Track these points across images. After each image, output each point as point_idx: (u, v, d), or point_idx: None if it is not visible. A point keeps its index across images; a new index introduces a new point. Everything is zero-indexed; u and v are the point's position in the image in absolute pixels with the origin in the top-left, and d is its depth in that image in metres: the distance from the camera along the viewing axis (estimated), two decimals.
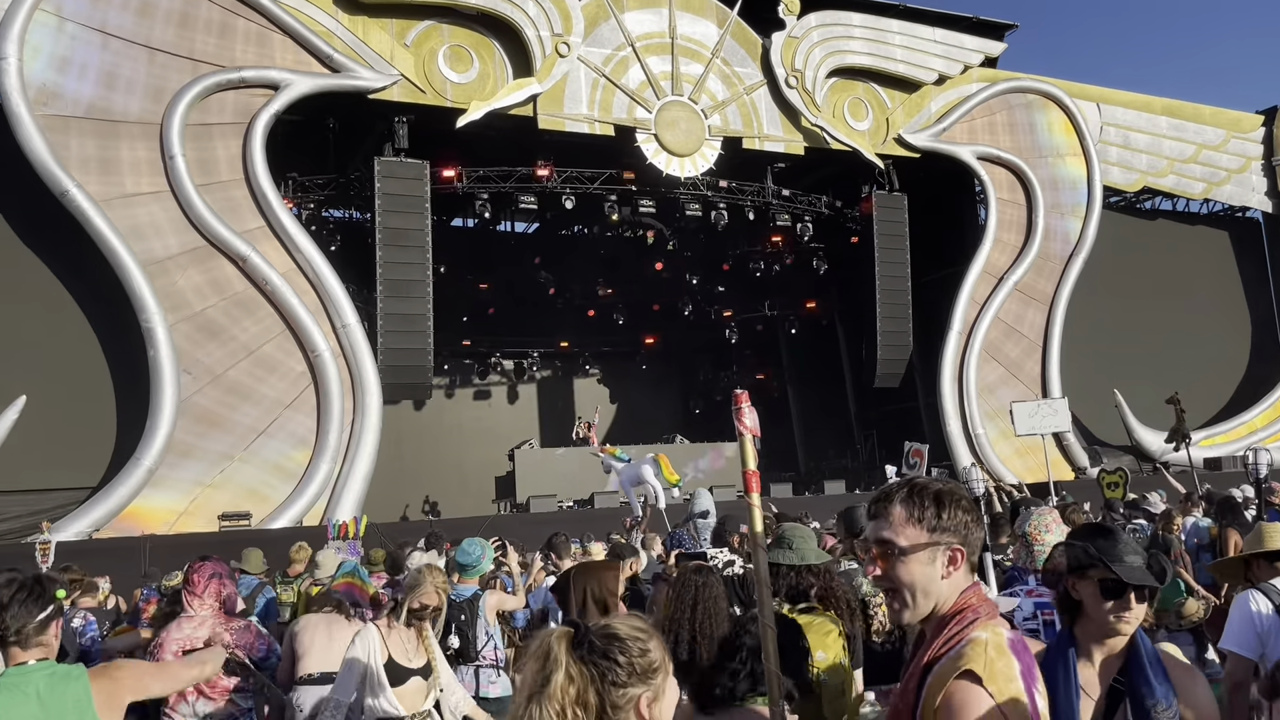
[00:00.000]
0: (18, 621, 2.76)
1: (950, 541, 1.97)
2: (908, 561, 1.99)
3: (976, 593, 1.95)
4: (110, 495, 13.89)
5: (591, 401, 25.77)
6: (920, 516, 2.00)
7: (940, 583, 1.97)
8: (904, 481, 2.04)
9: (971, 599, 1.94)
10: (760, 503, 2.26)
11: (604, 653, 1.61)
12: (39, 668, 2.77)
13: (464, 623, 5.30)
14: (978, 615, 1.91)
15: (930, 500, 2.01)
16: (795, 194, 20.98)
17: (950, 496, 2.00)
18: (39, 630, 2.78)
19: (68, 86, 14.64)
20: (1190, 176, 24.64)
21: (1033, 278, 22.02)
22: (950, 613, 1.94)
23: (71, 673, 2.82)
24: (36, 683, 2.72)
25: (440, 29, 17.21)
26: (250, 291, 15.42)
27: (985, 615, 1.92)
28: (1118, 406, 21.83)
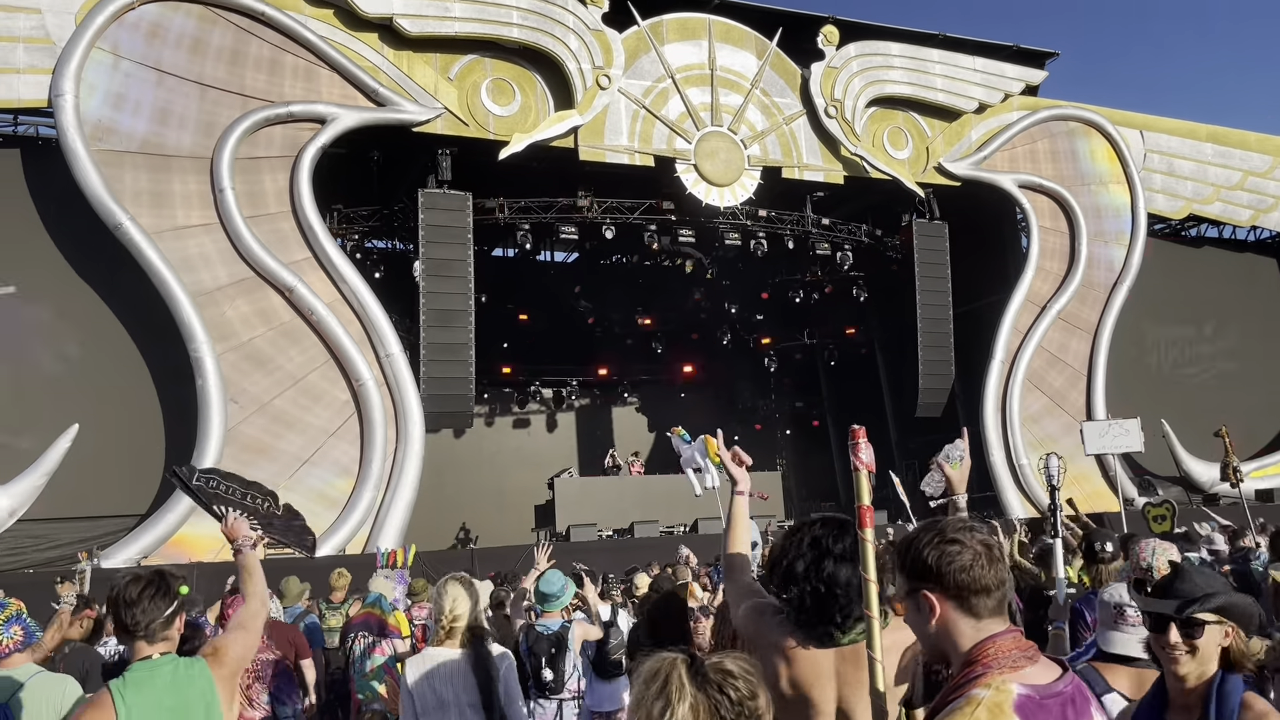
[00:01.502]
0: (146, 617, 2.89)
1: (918, 585, 1.90)
2: (903, 608, 1.97)
3: (998, 642, 1.83)
4: (158, 523, 14.09)
5: (630, 430, 25.81)
6: (900, 562, 1.97)
7: (930, 629, 1.89)
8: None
9: (989, 649, 1.82)
10: (871, 538, 2.26)
11: (719, 686, 1.62)
12: (165, 661, 2.91)
13: (555, 656, 5.34)
14: (987, 669, 1.80)
15: (903, 544, 1.97)
16: (835, 223, 20.97)
17: (921, 537, 1.92)
18: (164, 625, 2.92)
19: (122, 122, 15.02)
20: (1236, 203, 24.32)
21: (1076, 306, 21.78)
22: (964, 662, 1.86)
23: (195, 665, 2.97)
24: (164, 675, 2.86)
25: (483, 63, 17.47)
26: (296, 321, 15.65)
27: (999, 668, 1.80)
28: (1165, 437, 21.45)
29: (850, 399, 25.76)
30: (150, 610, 2.90)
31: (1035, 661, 1.83)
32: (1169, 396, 22.94)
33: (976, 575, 1.85)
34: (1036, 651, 1.86)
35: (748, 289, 24.15)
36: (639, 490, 20.35)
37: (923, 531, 1.93)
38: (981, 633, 1.84)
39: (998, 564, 1.88)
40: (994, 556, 1.87)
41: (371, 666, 6.32)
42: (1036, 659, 1.83)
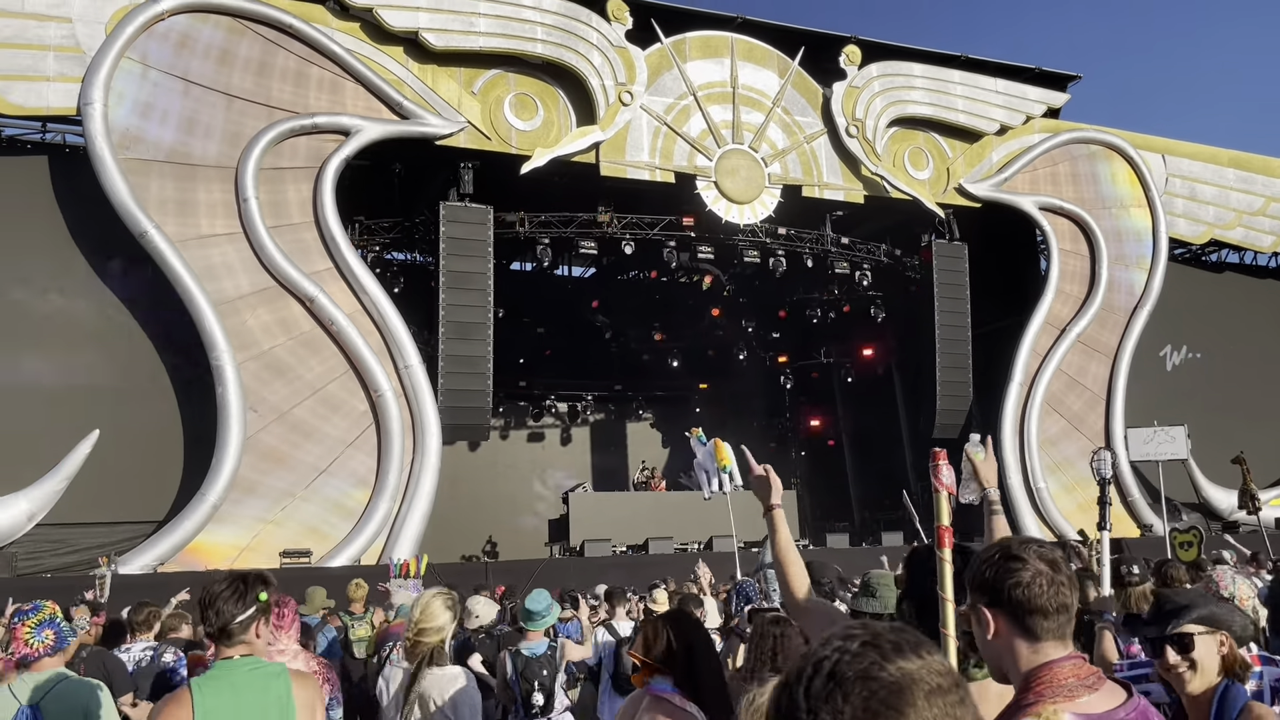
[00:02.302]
0: (222, 619, 2.95)
1: (977, 600, 1.88)
2: (971, 620, 1.95)
3: (1055, 669, 1.78)
4: (176, 530, 14.15)
5: (644, 445, 25.77)
6: (968, 575, 1.95)
7: (990, 645, 1.87)
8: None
9: (1044, 675, 1.78)
10: (949, 558, 2.25)
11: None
12: (242, 662, 2.97)
13: (546, 678, 5.30)
14: (1039, 698, 1.76)
15: (972, 558, 1.95)
16: (854, 242, 20.95)
17: (986, 551, 1.90)
18: (242, 629, 2.97)
19: (149, 131, 15.17)
20: (1259, 229, 24.20)
21: (1096, 330, 21.68)
22: (1019, 688, 1.83)
23: (274, 669, 3.05)
24: (240, 676, 2.93)
25: (507, 78, 17.58)
26: (317, 331, 15.72)
27: (1052, 697, 1.75)
28: (1185, 463, 21.28)
29: (866, 419, 25.66)
30: (225, 612, 2.95)
31: (1096, 690, 1.78)
32: (1189, 422, 22.77)
33: (1034, 595, 1.81)
34: (1100, 679, 1.81)
35: (765, 307, 24.14)
36: (654, 506, 20.32)
37: (990, 547, 1.92)
38: (1039, 656, 1.81)
39: (1060, 586, 1.82)
40: (1057, 578, 1.82)
41: None
42: (1098, 687, 1.79)
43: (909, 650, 1.17)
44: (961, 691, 1.17)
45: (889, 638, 1.18)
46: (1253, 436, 22.41)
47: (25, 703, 3.47)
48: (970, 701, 1.18)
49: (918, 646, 1.18)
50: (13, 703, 3.49)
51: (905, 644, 1.17)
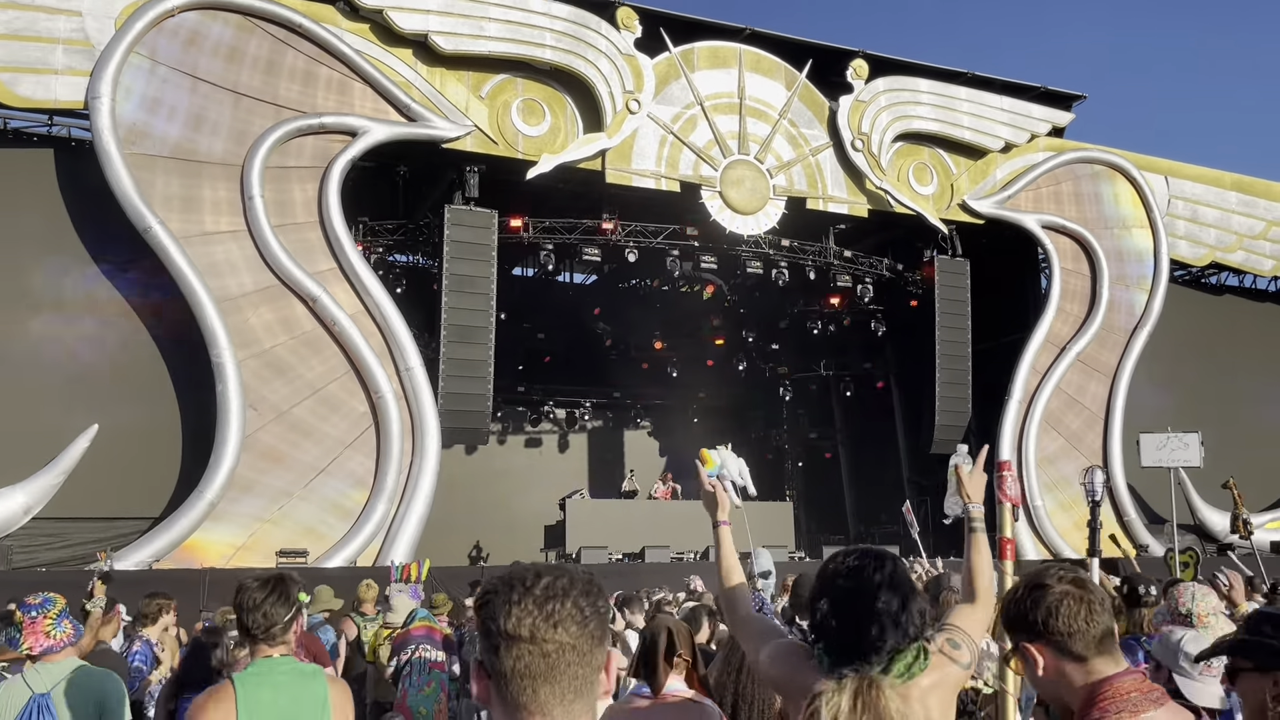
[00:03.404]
0: (268, 620, 3.03)
1: (1017, 639, 1.91)
2: (1018, 666, 1.96)
3: (1114, 684, 1.77)
4: (172, 527, 14.09)
5: (642, 453, 25.78)
6: (1003, 619, 1.98)
7: (1044, 681, 1.87)
8: None
9: (1106, 691, 1.77)
10: (1010, 570, 2.25)
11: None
12: (282, 662, 3.05)
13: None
14: (1104, 713, 1.75)
15: (1003, 600, 1.97)
16: (857, 255, 20.98)
17: (1014, 590, 1.92)
18: (284, 629, 3.05)
19: (156, 127, 15.15)
20: (1260, 253, 24.25)
21: (1095, 349, 21.71)
22: (1081, 708, 1.82)
23: (310, 670, 3.15)
24: (282, 675, 3.01)
25: (515, 82, 17.60)
26: (318, 331, 15.70)
27: (1117, 711, 1.75)
28: (1181, 484, 21.30)
29: (864, 433, 25.68)
30: (272, 614, 3.03)
31: (1161, 705, 1.77)
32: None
33: (1066, 617, 1.81)
34: (1164, 695, 1.80)
35: (766, 318, 24.15)
36: (651, 514, 20.30)
37: (1017, 583, 1.92)
38: (1093, 674, 1.80)
39: (1091, 604, 1.83)
40: (1086, 596, 1.83)
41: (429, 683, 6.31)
42: (1164, 702, 1.78)
43: None
44: None
45: None
46: (1250, 459, 22.48)
47: (38, 691, 3.49)
48: None
49: None
50: (25, 691, 3.53)
51: None
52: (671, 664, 3.39)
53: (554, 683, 1.38)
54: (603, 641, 1.45)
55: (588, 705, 1.42)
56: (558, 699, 1.39)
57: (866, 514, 24.88)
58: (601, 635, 1.45)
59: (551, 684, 1.38)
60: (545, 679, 1.38)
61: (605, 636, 1.47)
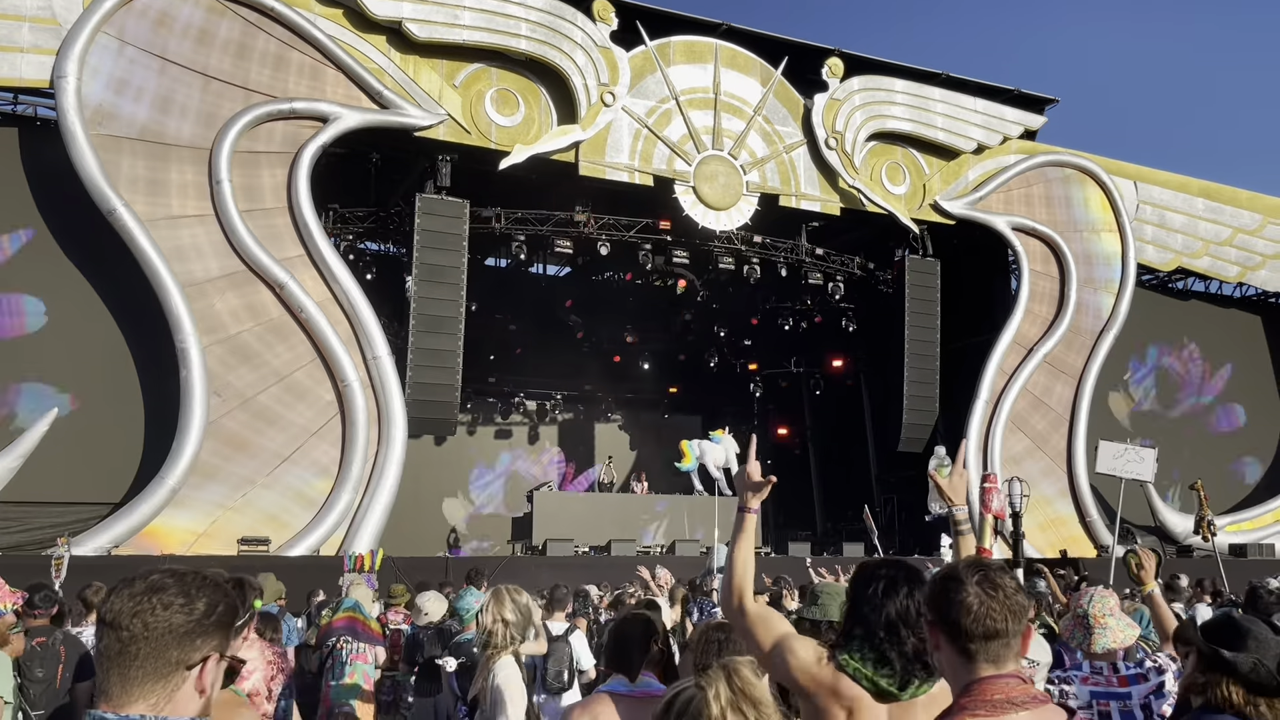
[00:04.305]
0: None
1: (927, 614, 1.96)
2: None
3: (985, 685, 1.82)
4: (132, 513, 13.95)
5: (612, 447, 25.77)
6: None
7: (937, 658, 1.96)
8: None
9: (972, 690, 1.83)
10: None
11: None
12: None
13: (467, 665, 5.32)
14: (963, 710, 1.81)
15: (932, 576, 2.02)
16: (828, 253, 21.07)
17: (940, 572, 1.97)
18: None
19: (123, 108, 14.96)
20: (1225, 259, 24.57)
21: (1062, 351, 21.91)
22: (955, 699, 1.88)
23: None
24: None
25: (489, 72, 17.51)
26: (285, 318, 15.57)
27: (974, 710, 1.80)
28: (1143, 487, 21.56)
29: (833, 429, 25.80)
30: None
31: (1028, 708, 1.80)
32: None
33: (964, 618, 1.85)
34: (1037, 701, 1.83)
35: (738, 313, 24.20)
36: (619, 507, 20.33)
37: (944, 567, 1.96)
38: (973, 673, 1.85)
39: (992, 611, 1.85)
40: (989, 604, 1.85)
41: (352, 674, 6.25)
42: (1030, 707, 1.81)
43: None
44: None
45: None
46: (1211, 462, 22.81)
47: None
48: None
49: None
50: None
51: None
52: (648, 657, 3.31)
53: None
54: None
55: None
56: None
57: (835, 511, 25.01)
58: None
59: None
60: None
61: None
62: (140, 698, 1.55)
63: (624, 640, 3.38)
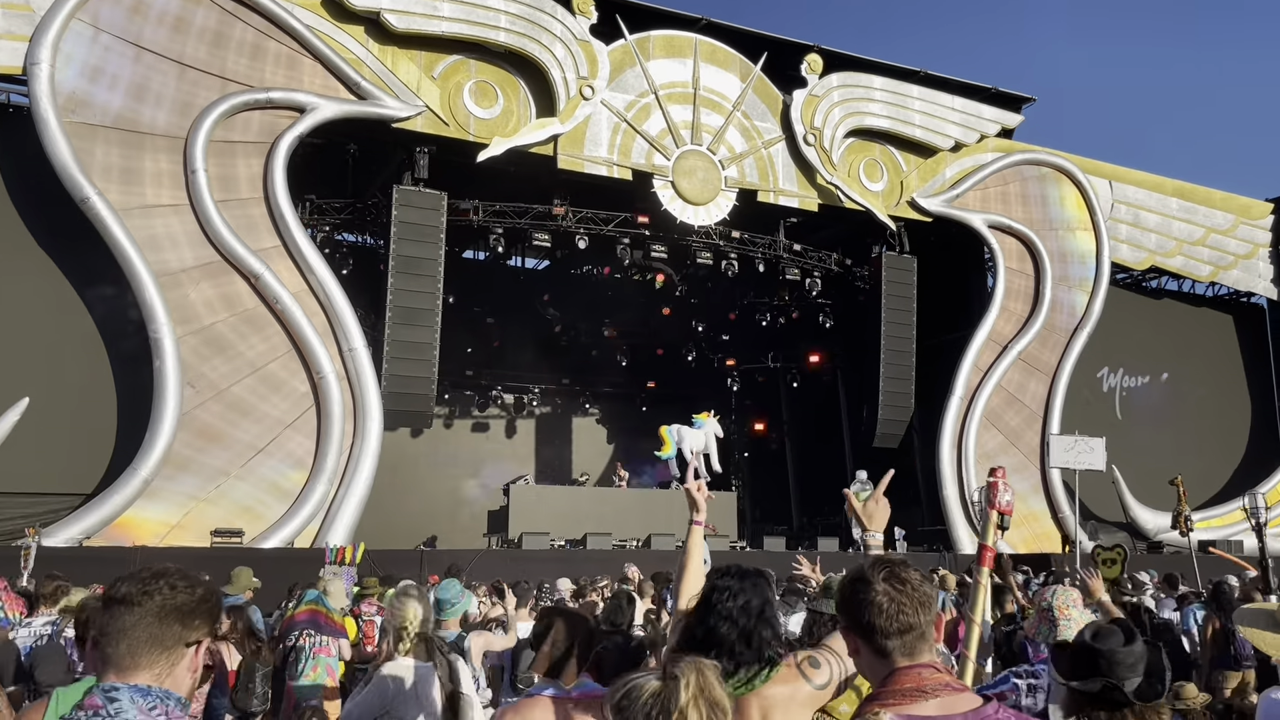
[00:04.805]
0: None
1: (841, 619, 2.01)
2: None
3: (899, 676, 1.87)
4: (104, 504, 13.85)
5: (590, 440, 25.79)
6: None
7: (857, 661, 2.00)
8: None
9: (887, 682, 1.88)
10: (987, 580, 2.29)
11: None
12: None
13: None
14: (871, 702, 1.87)
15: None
16: (806, 249, 21.14)
17: (845, 575, 2.01)
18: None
19: (97, 95, 14.82)
20: (1198, 259, 24.83)
21: (1037, 348, 22.10)
22: (872, 692, 1.93)
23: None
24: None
25: (468, 64, 17.45)
26: (260, 309, 15.49)
27: (882, 700, 1.85)
28: (1115, 483, 21.80)
29: (810, 425, 25.92)
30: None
31: (936, 696, 1.84)
32: (1121, 444, 23.32)
33: (875, 617, 1.90)
34: (947, 689, 1.87)
35: (716, 308, 24.26)
36: (595, 501, 20.34)
37: (849, 571, 2.00)
38: (890, 666, 1.90)
39: (903, 607, 1.89)
40: (899, 599, 1.89)
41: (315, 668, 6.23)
42: (940, 694, 1.85)
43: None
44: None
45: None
46: (1182, 461, 23.05)
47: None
48: None
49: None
50: None
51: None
52: (579, 658, 3.19)
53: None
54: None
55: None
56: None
57: (810, 505, 25.13)
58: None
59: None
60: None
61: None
62: (146, 667, 1.75)
63: (544, 640, 3.26)
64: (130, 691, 1.71)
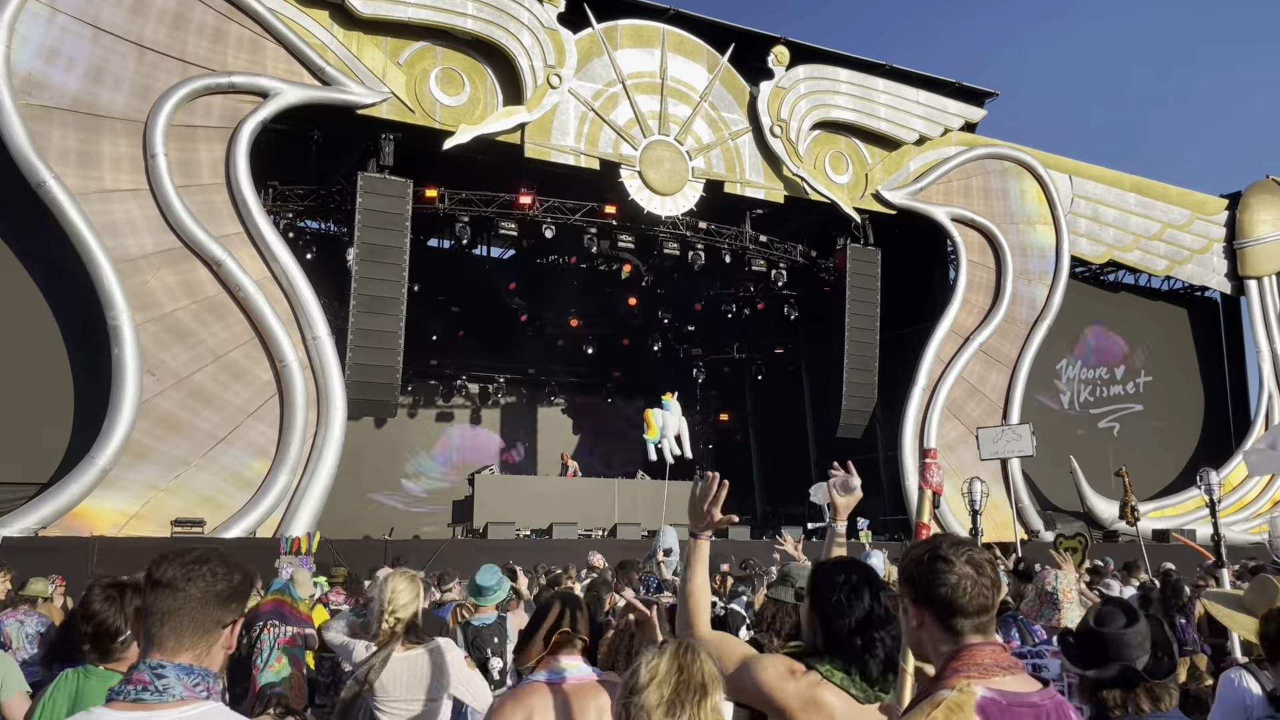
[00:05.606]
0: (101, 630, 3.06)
1: (906, 594, 2.00)
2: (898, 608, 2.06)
3: (974, 651, 1.89)
4: (61, 493, 13.61)
5: (555, 430, 25.75)
6: (899, 569, 2.07)
7: (914, 634, 2.00)
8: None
9: (963, 656, 1.89)
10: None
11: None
12: (109, 677, 2.91)
13: (497, 645, 5.31)
14: (955, 673, 1.88)
15: (904, 553, 2.06)
16: (772, 240, 21.23)
17: (915, 549, 2.01)
18: (123, 647, 3.00)
19: (54, 77, 14.52)
20: (1154, 253, 25.26)
21: (998, 340, 22.38)
22: (941, 666, 1.94)
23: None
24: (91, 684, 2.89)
25: (434, 51, 17.31)
26: (222, 297, 15.27)
27: (967, 673, 1.87)
28: (1073, 473, 22.17)
29: (775, 415, 26.06)
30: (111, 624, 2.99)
31: (1012, 673, 1.89)
32: (1079, 434, 23.74)
33: (957, 597, 1.91)
34: (1018, 667, 1.92)
35: (682, 299, 24.30)
36: (560, 492, 20.33)
37: (921, 545, 2.01)
38: (960, 644, 1.93)
39: (983, 588, 1.92)
40: (981, 580, 1.92)
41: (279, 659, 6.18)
42: (1015, 671, 1.90)
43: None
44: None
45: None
46: (1138, 451, 23.51)
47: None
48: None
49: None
50: None
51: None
52: (549, 642, 3.15)
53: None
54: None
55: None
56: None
57: (773, 495, 25.30)
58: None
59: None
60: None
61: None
62: (189, 648, 1.89)
63: (536, 626, 3.24)
64: (176, 670, 1.85)
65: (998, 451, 15.35)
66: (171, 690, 1.81)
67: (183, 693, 1.81)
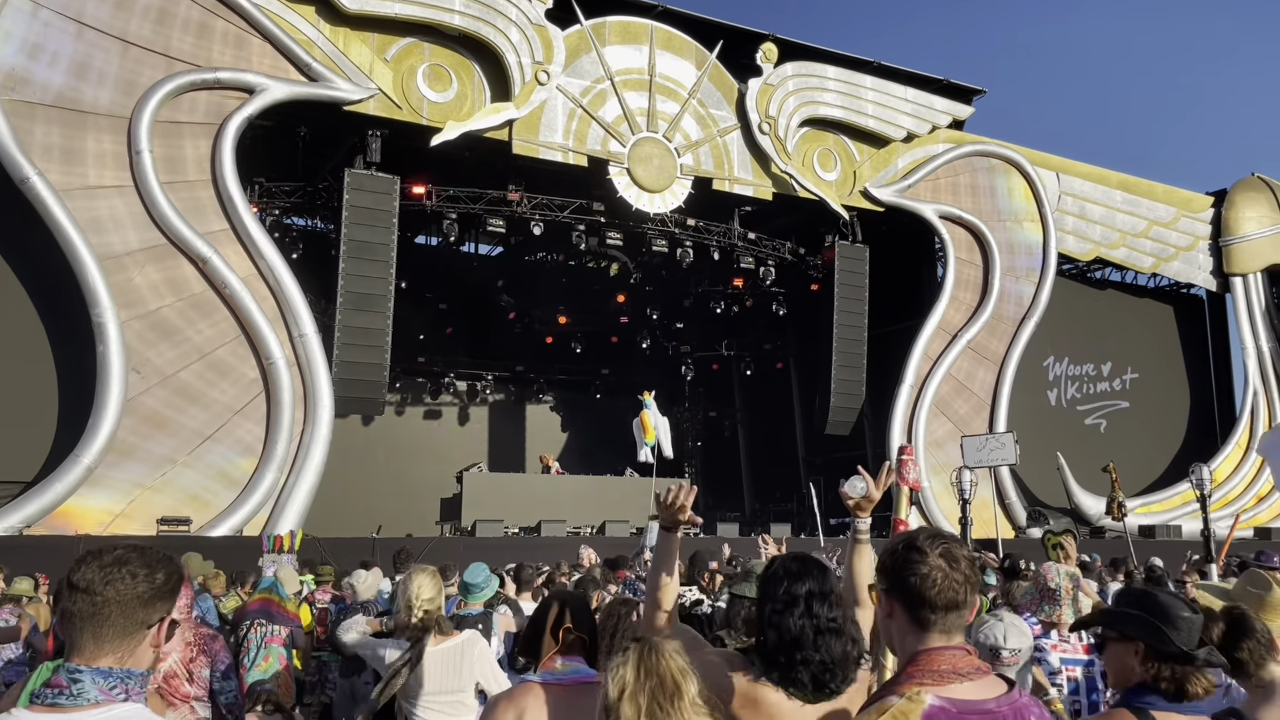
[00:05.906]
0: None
1: (881, 584, 1.96)
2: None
3: (935, 655, 1.85)
4: (45, 492, 13.51)
5: (544, 428, 25.70)
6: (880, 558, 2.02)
7: (885, 625, 1.97)
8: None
9: (921, 660, 1.85)
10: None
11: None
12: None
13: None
14: (909, 679, 1.84)
15: (887, 543, 2.00)
16: (760, 238, 21.23)
17: (896, 540, 1.96)
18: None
19: (37, 73, 14.40)
20: (1141, 251, 25.35)
21: (985, 337, 22.44)
22: (901, 667, 1.91)
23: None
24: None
25: (422, 47, 17.23)
26: (208, 294, 15.19)
27: (920, 679, 1.83)
28: (1060, 469, 22.24)
29: (763, 412, 26.08)
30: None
31: (970, 679, 1.84)
32: (1066, 431, 23.81)
33: (925, 589, 1.87)
34: (981, 672, 1.86)
35: (670, 296, 24.29)
36: (548, 489, 20.28)
37: (900, 535, 1.97)
38: (921, 643, 1.88)
39: (954, 584, 1.87)
40: (952, 575, 1.87)
41: (267, 658, 6.15)
42: (974, 678, 1.84)
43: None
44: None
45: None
46: (1124, 447, 23.61)
47: None
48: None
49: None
50: None
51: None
52: (559, 640, 3.06)
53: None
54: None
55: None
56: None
57: (762, 492, 25.32)
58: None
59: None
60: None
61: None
62: (110, 651, 1.85)
63: (538, 625, 3.15)
64: (92, 674, 1.83)
65: (981, 460, 15.51)
66: (86, 694, 1.81)
67: (98, 696, 1.81)
